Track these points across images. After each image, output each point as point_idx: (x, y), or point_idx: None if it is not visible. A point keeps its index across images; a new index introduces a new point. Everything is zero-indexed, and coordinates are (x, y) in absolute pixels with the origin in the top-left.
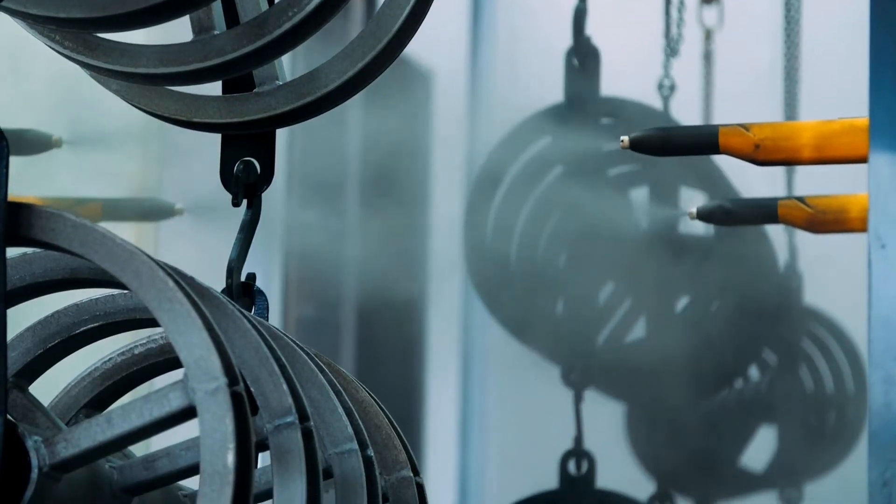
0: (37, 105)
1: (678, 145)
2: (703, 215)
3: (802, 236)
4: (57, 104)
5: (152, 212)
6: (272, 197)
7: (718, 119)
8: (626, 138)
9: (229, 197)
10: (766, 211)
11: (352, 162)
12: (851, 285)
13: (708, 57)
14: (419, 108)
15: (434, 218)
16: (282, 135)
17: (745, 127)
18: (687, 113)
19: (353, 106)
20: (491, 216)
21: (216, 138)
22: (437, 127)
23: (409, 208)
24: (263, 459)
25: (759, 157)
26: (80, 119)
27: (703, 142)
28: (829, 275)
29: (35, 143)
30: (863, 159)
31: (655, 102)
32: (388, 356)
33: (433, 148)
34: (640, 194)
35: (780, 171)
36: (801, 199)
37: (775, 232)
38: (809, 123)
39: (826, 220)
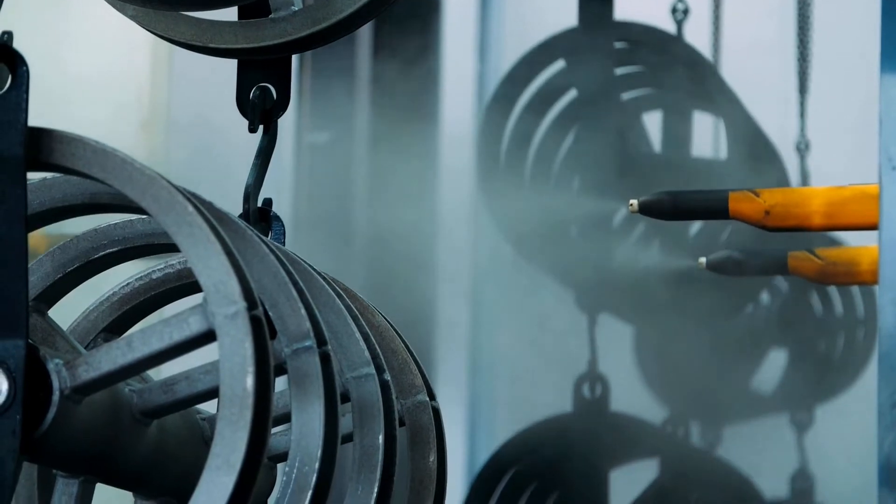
0: None
1: (687, 210)
2: (713, 266)
3: (815, 158)
4: None
5: None
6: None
7: (730, 42)
8: (635, 202)
9: None
10: (776, 262)
11: (361, 93)
12: None
13: None
14: (431, 33)
15: (446, 143)
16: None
17: (756, 192)
18: (700, 37)
19: (364, 33)
20: (504, 140)
21: None
22: (448, 51)
23: (421, 134)
24: (281, 383)
25: (769, 223)
26: None
27: (713, 207)
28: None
29: None
30: (873, 226)
31: (669, 26)
32: (398, 282)
33: (445, 72)
34: (653, 118)
35: None
36: (811, 251)
37: (788, 156)
38: (820, 190)
39: (837, 272)
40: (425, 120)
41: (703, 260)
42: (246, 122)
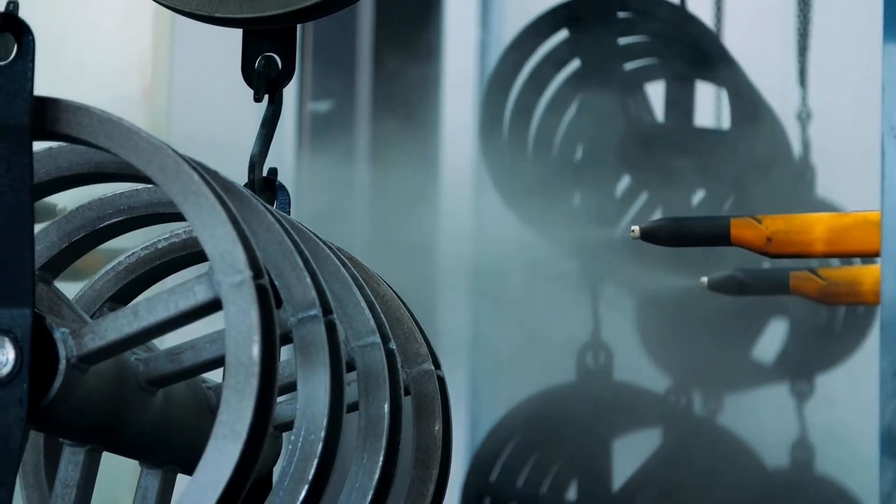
0: None
1: (689, 236)
2: (714, 286)
3: (816, 130)
4: None
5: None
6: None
7: (732, 11)
8: (636, 228)
9: None
10: (777, 282)
11: (362, 63)
12: (865, 178)
13: None
14: (432, 3)
15: (448, 113)
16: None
17: (757, 219)
18: (703, 7)
19: (366, 3)
20: (507, 109)
21: None
22: (451, 20)
23: (424, 103)
24: (286, 353)
25: (772, 249)
26: None
27: (715, 233)
28: (842, 168)
29: None
30: (875, 253)
31: None
32: (400, 250)
33: (447, 41)
34: (655, 88)
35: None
36: (812, 271)
37: (790, 125)
38: (822, 216)
39: (839, 292)
40: (428, 89)
41: (704, 280)
42: (248, 91)
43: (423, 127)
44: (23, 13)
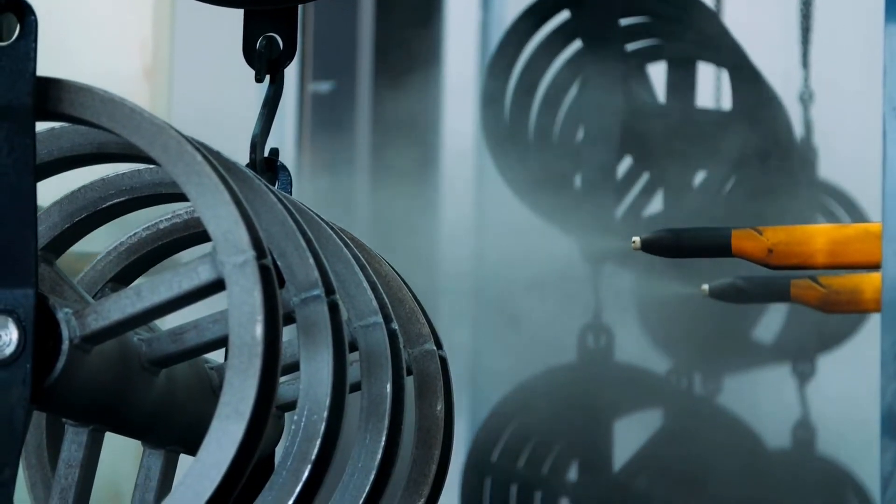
0: None
1: (690, 247)
2: (715, 293)
3: (819, 111)
4: None
5: None
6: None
7: None
8: (637, 239)
9: None
10: (778, 290)
11: (363, 44)
12: (867, 158)
13: None
14: None
15: (449, 94)
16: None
17: (759, 230)
18: None
19: None
20: (509, 89)
21: None
22: (452, 1)
23: (425, 84)
24: (289, 333)
25: (773, 261)
26: None
27: (716, 244)
28: (844, 148)
29: None
30: (876, 265)
31: None
32: (401, 231)
33: (449, 21)
34: (658, 69)
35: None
36: (813, 279)
37: (792, 105)
38: (823, 228)
39: (839, 300)
40: (429, 70)
41: (705, 287)
42: (249, 72)
43: (424, 107)
44: None
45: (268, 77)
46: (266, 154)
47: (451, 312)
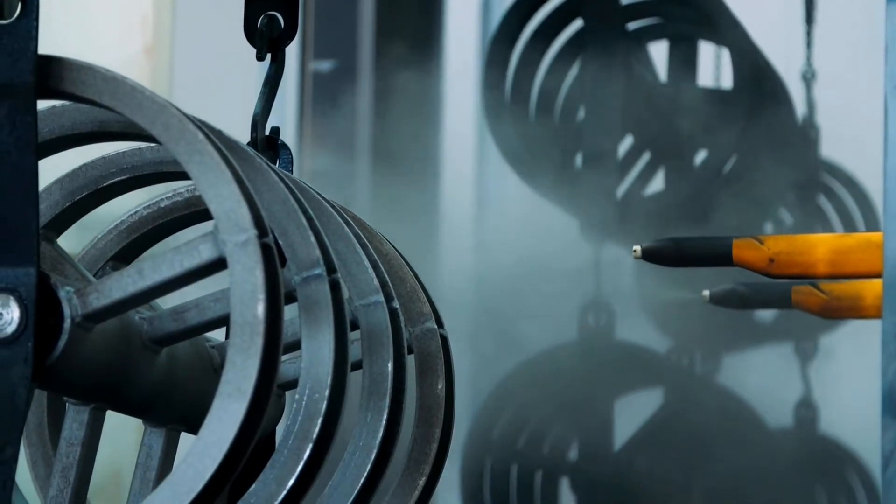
0: None
1: (691, 256)
2: (716, 299)
3: (821, 90)
4: None
5: None
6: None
7: None
8: (638, 248)
9: None
10: (779, 296)
11: (364, 22)
12: (869, 137)
13: None
14: None
15: (451, 72)
16: None
17: (760, 240)
18: None
19: None
20: (510, 69)
21: None
22: None
23: (426, 63)
24: (290, 311)
25: (774, 270)
26: None
27: (717, 254)
28: (846, 127)
29: None
30: (877, 274)
31: None
32: (403, 209)
33: (450, 1)
34: (659, 48)
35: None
36: (815, 285)
37: (794, 86)
38: (824, 237)
39: (841, 306)
40: (430, 50)
41: (706, 293)
42: (251, 50)
43: (425, 86)
44: None
45: (269, 55)
46: (267, 132)
47: (451, 291)
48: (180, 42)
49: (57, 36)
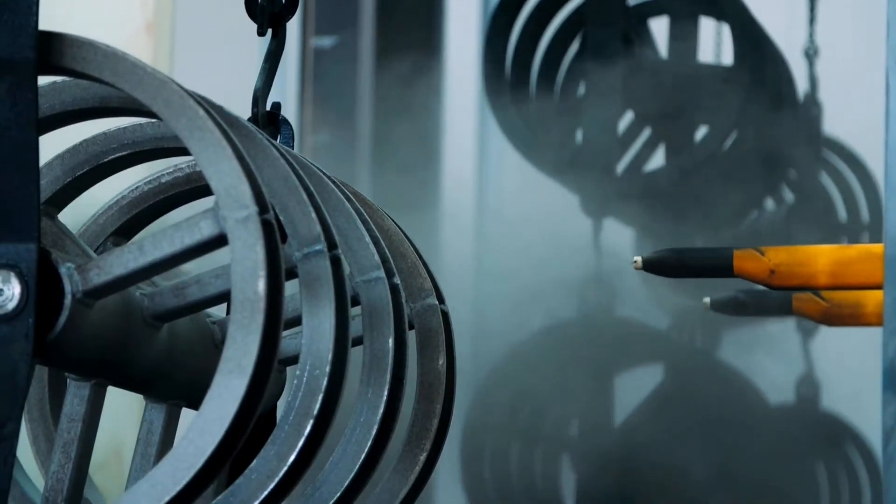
0: None
1: (692, 267)
2: (717, 306)
3: (823, 67)
4: None
5: None
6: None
7: None
8: (639, 259)
9: None
10: (780, 304)
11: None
12: (870, 113)
13: None
14: None
15: (451, 49)
16: None
17: (760, 251)
18: None
19: None
20: (510, 45)
21: None
22: None
23: (427, 40)
24: (291, 287)
25: (774, 282)
26: None
27: (718, 265)
28: (847, 103)
29: None
30: (878, 285)
31: None
32: (404, 186)
33: None
34: (659, 24)
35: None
36: (816, 293)
37: (795, 62)
38: (825, 248)
39: (842, 314)
40: (432, 26)
41: (707, 300)
42: (252, 26)
43: (426, 63)
44: None
45: (270, 31)
46: (268, 108)
47: (452, 267)
48: (181, 18)
49: (58, 12)
